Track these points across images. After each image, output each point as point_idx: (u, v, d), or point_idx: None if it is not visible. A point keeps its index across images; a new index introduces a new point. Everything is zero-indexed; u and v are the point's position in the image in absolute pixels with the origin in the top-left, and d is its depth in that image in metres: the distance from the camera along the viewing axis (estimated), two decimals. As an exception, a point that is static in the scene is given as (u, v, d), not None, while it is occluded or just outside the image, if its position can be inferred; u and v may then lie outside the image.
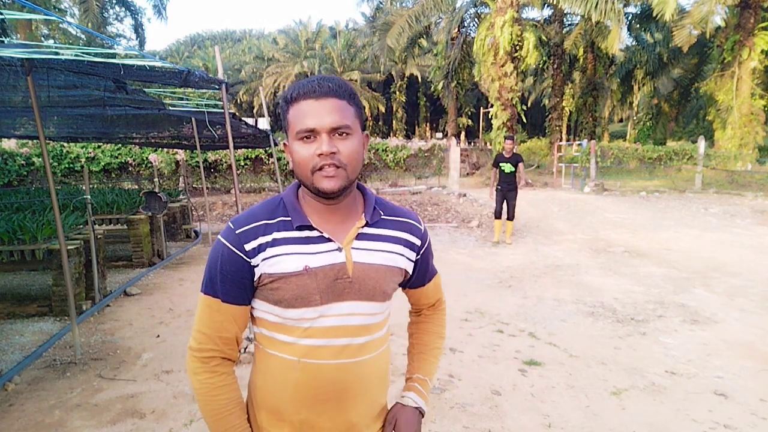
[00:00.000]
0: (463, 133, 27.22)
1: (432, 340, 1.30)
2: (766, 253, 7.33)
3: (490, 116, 18.50)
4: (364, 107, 35.01)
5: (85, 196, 5.16)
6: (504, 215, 8.12)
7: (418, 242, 1.16)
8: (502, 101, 16.92)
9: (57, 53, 3.09)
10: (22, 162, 13.77)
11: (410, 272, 1.16)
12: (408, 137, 32.40)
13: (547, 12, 22.93)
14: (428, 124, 40.56)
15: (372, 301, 1.06)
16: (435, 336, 1.30)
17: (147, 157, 14.78)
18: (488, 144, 19.27)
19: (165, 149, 14.54)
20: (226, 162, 14.97)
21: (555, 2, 17.41)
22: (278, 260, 1.00)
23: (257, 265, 1.01)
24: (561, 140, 23.56)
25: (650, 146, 19.89)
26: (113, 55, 3.29)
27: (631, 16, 22.23)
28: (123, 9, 24.21)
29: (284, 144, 1.07)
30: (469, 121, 27.12)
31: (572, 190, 16.02)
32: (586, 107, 24.10)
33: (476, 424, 2.80)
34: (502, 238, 8.27)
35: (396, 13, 20.36)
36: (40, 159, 13.66)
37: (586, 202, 12.73)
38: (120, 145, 14.04)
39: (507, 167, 7.72)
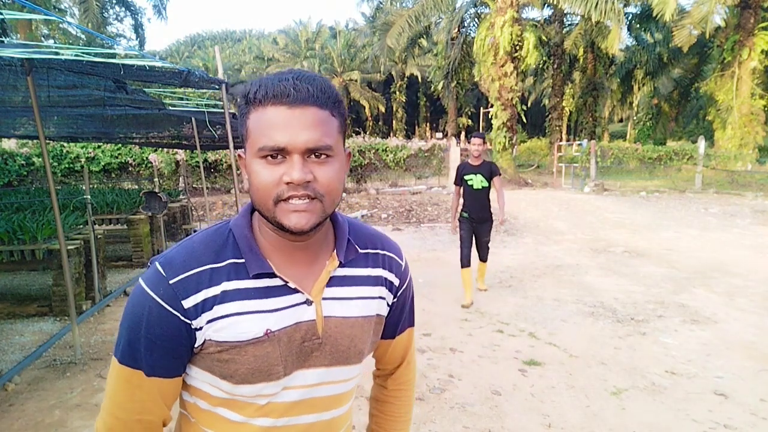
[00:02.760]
0: (463, 133, 27.23)
1: (399, 428, 1.05)
2: (766, 253, 7.33)
3: (490, 116, 18.51)
4: (364, 107, 35.27)
5: (85, 196, 5.16)
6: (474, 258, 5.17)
7: (396, 281, 0.92)
8: (502, 101, 16.94)
9: (57, 53, 3.09)
10: (22, 162, 13.79)
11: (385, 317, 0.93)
12: (408, 137, 32.38)
13: (547, 12, 22.97)
14: (428, 124, 40.57)
15: (346, 364, 0.84)
16: (402, 426, 1.05)
17: (147, 157, 14.79)
18: (488, 144, 19.27)
19: (165, 149, 14.56)
20: (226, 162, 14.98)
21: (555, 2, 17.43)
22: (230, 323, 0.75)
23: (200, 329, 0.75)
24: (561, 140, 23.57)
25: (650, 146, 19.91)
26: (113, 55, 3.29)
27: (631, 16, 22.25)
28: (123, 9, 24.23)
29: (239, 156, 0.79)
30: (469, 121, 27.15)
31: (572, 190, 16.02)
32: (586, 107, 24.12)
33: (476, 424, 2.80)
34: (476, 288, 5.41)
35: (396, 13, 20.37)
36: (40, 159, 13.67)
37: (586, 202, 12.74)
38: (120, 145, 14.07)
39: (476, 181, 4.90)
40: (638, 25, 22.94)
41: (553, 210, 11.66)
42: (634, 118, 33.57)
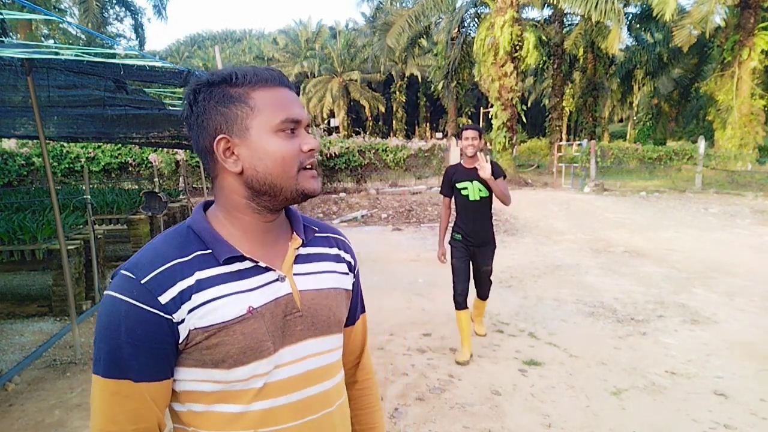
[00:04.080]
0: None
1: (379, 419, 1.08)
2: (766, 253, 7.33)
3: (490, 116, 18.51)
4: (364, 107, 35.24)
5: (85, 196, 5.16)
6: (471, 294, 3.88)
7: (352, 261, 0.98)
8: (502, 101, 16.94)
9: (57, 53, 3.09)
10: (22, 162, 13.78)
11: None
12: (408, 137, 32.40)
13: (547, 12, 22.96)
14: (428, 124, 40.57)
15: (328, 334, 0.87)
16: (380, 413, 1.08)
17: (147, 157, 14.79)
18: (488, 144, 19.27)
19: (165, 149, 14.55)
20: (226, 162, 14.95)
21: (555, 2, 17.42)
22: (212, 307, 0.76)
23: (182, 321, 0.74)
24: (561, 140, 23.57)
25: (650, 146, 19.90)
26: (113, 55, 3.29)
27: (631, 16, 22.24)
28: (123, 9, 24.21)
29: (220, 138, 0.78)
30: (469, 121, 27.12)
31: (572, 190, 16.02)
32: (586, 107, 24.11)
33: (476, 424, 2.80)
34: (474, 333, 4.16)
35: (396, 13, 20.37)
36: (40, 159, 13.67)
37: (586, 202, 12.74)
38: (120, 145, 14.07)
39: (472, 190, 3.61)
40: (638, 25, 22.93)
41: (553, 210, 11.66)
42: (634, 118, 33.58)
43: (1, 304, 5.07)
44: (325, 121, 31.77)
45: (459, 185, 3.66)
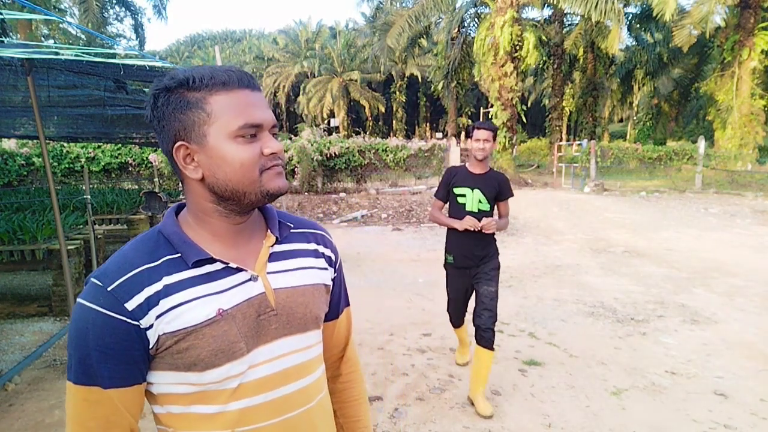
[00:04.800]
0: (463, 133, 27.24)
1: (364, 412, 1.08)
2: (766, 253, 7.33)
3: (490, 116, 18.50)
4: (364, 107, 35.23)
5: (85, 196, 5.16)
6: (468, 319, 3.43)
7: (332, 256, 0.97)
8: (502, 101, 16.94)
9: (57, 53, 3.09)
10: (22, 162, 13.78)
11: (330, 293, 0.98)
12: (408, 137, 32.41)
13: (547, 12, 22.95)
14: (428, 124, 40.57)
15: (305, 331, 0.87)
16: (365, 406, 1.08)
17: (147, 157, 14.79)
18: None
19: (165, 149, 14.54)
20: (226, 162, 14.96)
21: (555, 2, 17.42)
22: (180, 312, 0.76)
23: (150, 327, 0.74)
24: (561, 140, 23.57)
25: (650, 146, 19.89)
26: (113, 55, 3.29)
27: (631, 16, 22.24)
28: (123, 9, 24.22)
29: (179, 145, 0.78)
30: (469, 121, 27.10)
31: (572, 190, 16.02)
32: (586, 107, 24.11)
33: (476, 424, 2.80)
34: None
35: (396, 13, 20.37)
36: (40, 159, 13.67)
37: (586, 202, 12.73)
38: (120, 145, 14.06)
39: (471, 199, 3.04)
40: (638, 25, 22.93)
41: (553, 210, 11.65)
42: (634, 118, 33.57)
43: (1, 304, 5.07)
44: (325, 121, 31.75)
45: (457, 190, 3.05)
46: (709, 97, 20.35)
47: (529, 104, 30.12)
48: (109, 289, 0.74)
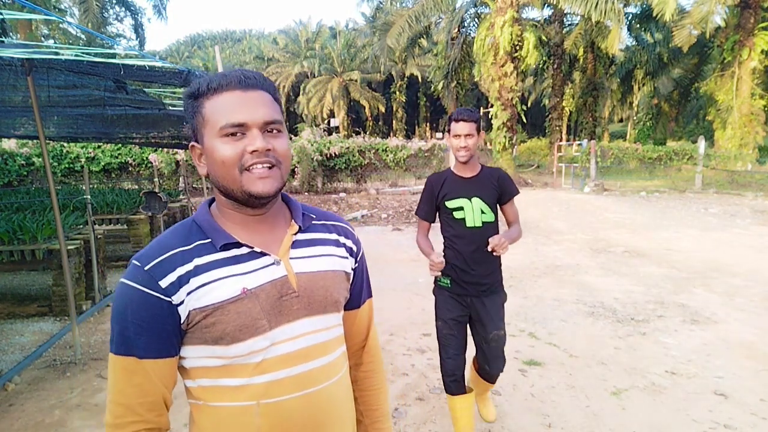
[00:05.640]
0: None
1: (383, 402, 1.13)
2: (766, 253, 7.32)
3: (490, 116, 18.50)
4: (364, 107, 35.21)
5: (85, 196, 5.16)
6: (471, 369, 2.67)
7: (354, 247, 1.04)
8: (502, 101, 16.93)
9: (57, 53, 3.09)
10: (22, 162, 13.78)
11: (351, 282, 1.04)
12: (408, 137, 32.40)
13: (547, 12, 22.93)
14: (428, 124, 40.57)
15: (325, 313, 0.93)
16: (384, 396, 1.14)
17: (147, 157, 14.78)
18: (488, 144, 19.26)
19: (165, 149, 14.55)
20: (226, 162, 14.95)
21: (555, 2, 17.42)
22: (208, 289, 0.84)
23: (181, 303, 0.83)
24: (561, 140, 23.56)
25: (650, 146, 19.89)
26: (113, 55, 3.29)
27: (631, 16, 22.24)
28: (123, 9, 24.22)
29: (192, 146, 0.90)
30: (469, 121, 27.09)
31: (572, 190, 16.02)
32: (586, 107, 24.10)
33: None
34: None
35: (396, 13, 20.37)
36: (40, 159, 13.67)
37: (586, 202, 12.73)
38: (120, 145, 14.07)
39: (470, 213, 2.35)
40: (638, 25, 22.92)
41: (553, 210, 11.65)
42: (634, 118, 33.55)
43: (1, 304, 5.07)
44: (325, 121, 31.75)
45: (451, 204, 2.37)
46: (709, 97, 20.35)
47: (529, 104, 30.11)
48: (145, 268, 0.83)
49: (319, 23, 41.11)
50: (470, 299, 2.40)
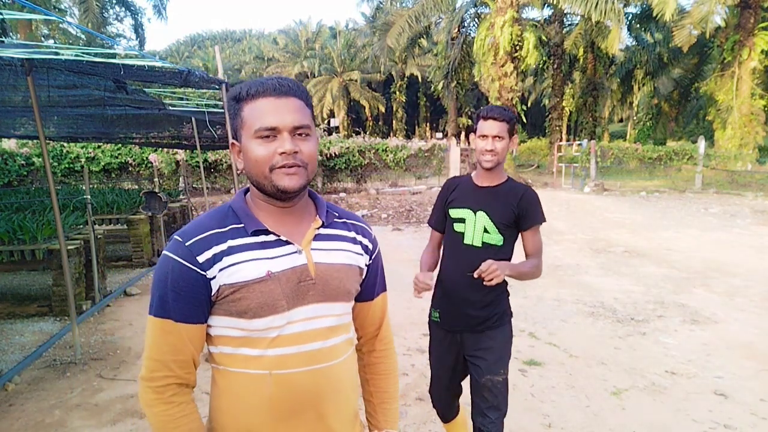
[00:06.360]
0: (463, 133, 27.24)
1: (392, 385, 1.23)
2: (766, 253, 7.32)
3: (490, 116, 18.47)
4: (364, 107, 35.20)
5: (85, 196, 5.16)
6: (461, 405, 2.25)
7: (370, 245, 1.15)
8: (502, 101, 16.92)
9: (57, 53, 3.09)
10: (22, 162, 13.77)
11: (364, 276, 1.14)
12: (408, 137, 32.39)
13: (547, 12, 22.93)
14: (428, 124, 40.56)
15: (337, 301, 1.04)
16: (394, 380, 1.24)
17: (147, 157, 14.77)
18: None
19: (165, 149, 14.54)
20: (226, 162, 14.97)
21: (555, 2, 17.41)
22: (238, 268, 0.95)
23: (214, 277, 0.95)
24: (561, 140, 23.56)
25: (650, 146, 19.89)
26: (113, 55, 3.29)
27: (631, 16, 22.23)
28: (123, 9, 24.23)
29: (232, 144, 1.03)
30: (469, 121, 27.09)
31: (572, 190, 16.02)
32: (586, 107, 24.10)
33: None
34: None
35: (396, 13, 20.36)
36: (40, 159, 13.66)
37: (586, 202, 12.73)
38: (120, 145, 14.05)
39: (471, 228, 1.97)
40: (638, 25, 22.91)
41: (553, 210, 11.65)
42: (634, 118, 33.55)
43: (1, 304, 5.07)
44: (325, 121, 31.74)
45: (454, 212, 2.02)
46: (709, 97, 20.33)
47: (529, 104, 30.11)
48: (186, 244, 0.95)
49: (319, 23, 41.13)
50: (460, 336, 2.00)
